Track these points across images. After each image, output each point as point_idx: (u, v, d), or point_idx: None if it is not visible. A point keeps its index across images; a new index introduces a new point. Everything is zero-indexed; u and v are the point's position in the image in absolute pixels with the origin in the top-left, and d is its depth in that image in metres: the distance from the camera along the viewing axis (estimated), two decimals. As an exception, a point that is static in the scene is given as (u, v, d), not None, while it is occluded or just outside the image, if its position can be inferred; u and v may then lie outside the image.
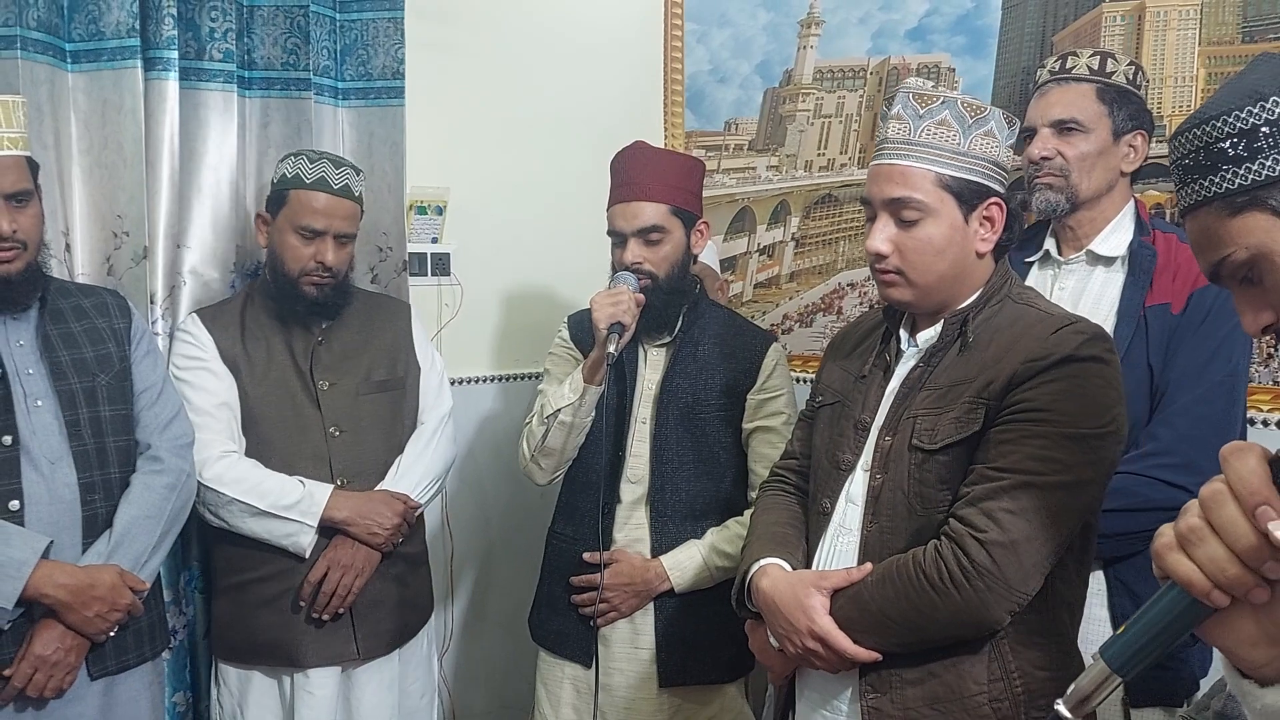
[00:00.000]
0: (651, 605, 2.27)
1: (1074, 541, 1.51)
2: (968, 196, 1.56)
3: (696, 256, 2.34)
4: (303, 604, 2.22)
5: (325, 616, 2.22)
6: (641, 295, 2.19)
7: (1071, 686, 0.89)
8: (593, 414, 2.24)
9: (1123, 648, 0.86)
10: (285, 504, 2.18)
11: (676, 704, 2.28)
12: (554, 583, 2.38)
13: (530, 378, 3.19)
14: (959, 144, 1.55)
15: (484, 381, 3.17)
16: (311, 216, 2.24)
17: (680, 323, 2.30)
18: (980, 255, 1.59)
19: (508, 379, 3.19)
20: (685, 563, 2.24)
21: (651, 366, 2.32)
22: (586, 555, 2.28)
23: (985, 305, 1.59)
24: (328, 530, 2.21)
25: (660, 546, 2.26)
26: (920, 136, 1.55)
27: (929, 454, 1.53)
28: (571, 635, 2.32)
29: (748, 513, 2.26)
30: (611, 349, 2.12)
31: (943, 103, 1.55)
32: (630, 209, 2.23)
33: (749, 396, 2.29)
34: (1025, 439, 1.45)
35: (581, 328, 2.36)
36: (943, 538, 1.48)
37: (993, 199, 1.57)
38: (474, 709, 3.14)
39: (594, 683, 2.23)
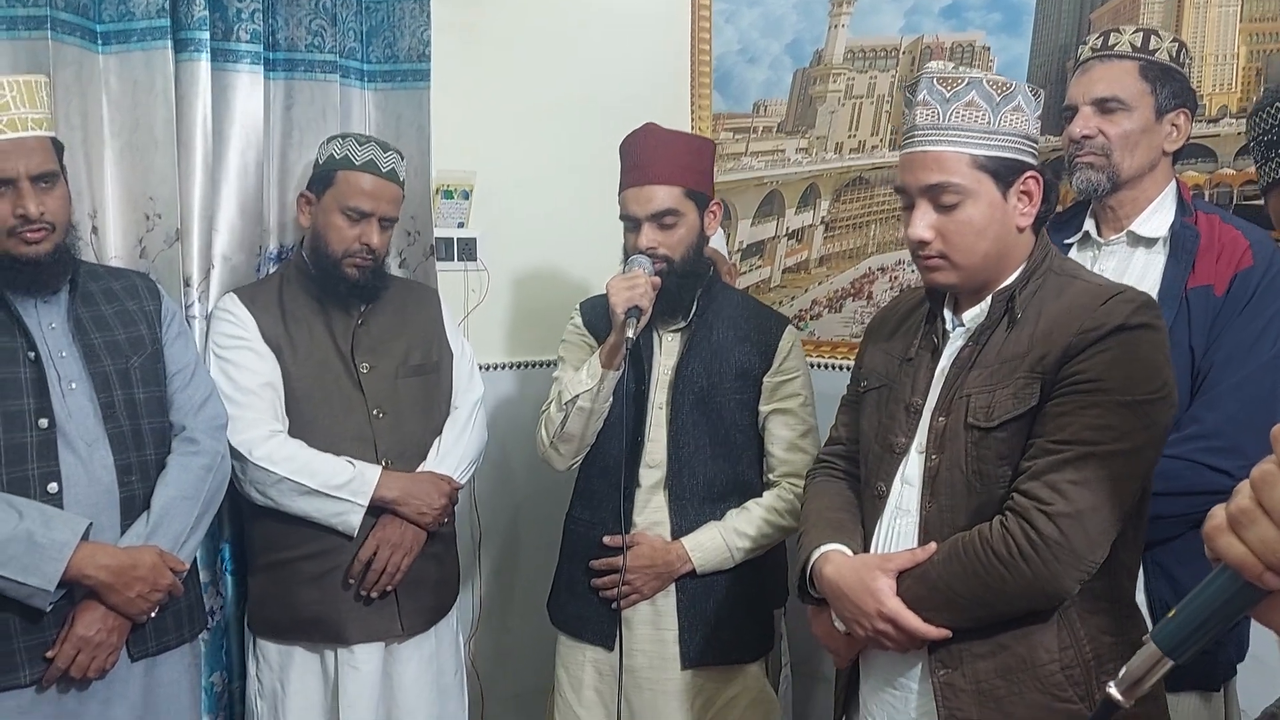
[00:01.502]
0: (673, 587, 2.27)
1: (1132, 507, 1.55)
2: (1004, 174, 1.58)
3: (709, 238, 2.33)
4: (352, 581, 2.24)
5: (374, 594, 2.24)
6: (657, 278, 2.19)
7: (1123, 670, 0.89)
8: (610, 399, 2.25)
9: (1174, 630, 0.86)
10: (336, 483, 2.19)
11: (699, 684, 2.28)
12: (573, 567, 2.39)
13: (556, 364, 3.17)
14: (989, 123, 1.57)
15: (510, 368, 3.16)
16: (360, 198, 2.25)
17: (695, 307, 2.30)
18: (1021, 230, 1.62)
19: (534, 365, 3.18)
20: (706, 544, 2.24)
21: (666, 352, 2.32)
22: (607, 539, 2.28)
23: (1029, 280, 1.62)
24: (373, 509, 2.23)
25: (680, 529, 2.27)
26: (950, 120, 1.58)
27: (986, 431, 1.55)
28: (592, 619, 2.33)
29: (766, 494, 2.30)
30: (630, 333, 2.12)
31: (968, 84, 1.58)
32: (643, 193, 2.22)
33: (765, 379, 2.30)
34: (1083, 409, 1.48)
35: (595, 313, 2.36)
36: (1008, 513, 1.51)
37: (1029, 173, 1.60)
38: (502, 691, 3.15)
39: (618, 665, 2.23)
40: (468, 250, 3.05)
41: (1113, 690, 0.89)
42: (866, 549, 1.71)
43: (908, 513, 1.65)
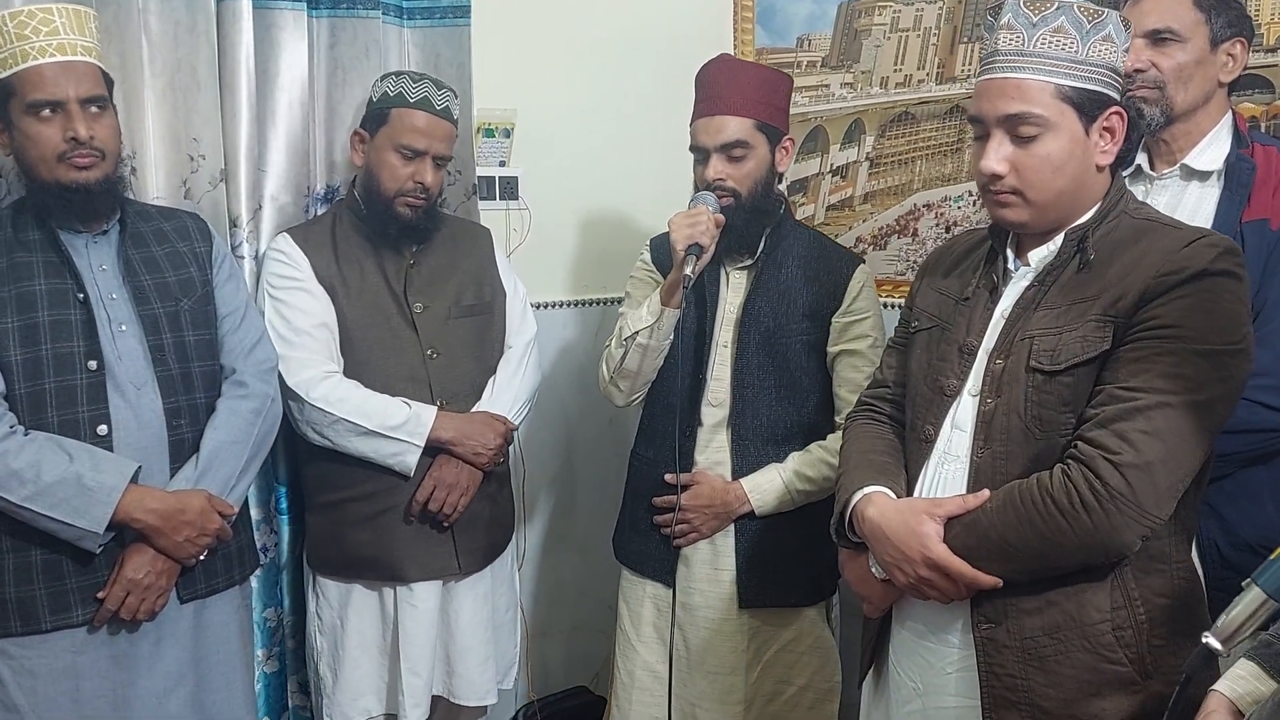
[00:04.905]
0: (732, 527, 2.28)
1: None
2: (1089, 108, 1.50)
3: (782, 175, 2.30)
4: (412, 520, 2.27)
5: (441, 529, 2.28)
6: (721, 216, 2.15)
7: (1221, 618, 0.87)
8: (671, 337, 2.22)
9: (1277, 573, 0.84)
10: (392, 424, 2.21)
11: (756, 625, 2.29)
12: (636, 504, 2.40)
13: (599, 302, 3.18)
14: (1077, 52, 1.48)
15: (552, 307, 3.15)
16: (414, 136, 2.25)
17: (763, 244, 2.27)
18: (1100, 169, 1.54)
19: (576, 304, 3.17)
20: (766, 485, 2.23)
21: (733, 289, 2.29)
22: (667, 476, 2.28)
23: (1103, 221, 1.54)
24: (429, 450, 2.25)
25: (741, 470, 2.26)
26: (1035, 46, 1.49)
27: (1050, 375, 1.49)
28: (653, 555, 2.35)
29: (830, 437, 2.26)
30: (688, 271, 2.10)
31: (1058, 8, 1.49)
32: (713, 123, 2.19)
33: (834, 319, 2.26)
34: (1158, 357, 1.41)
35: (663, 250, 2.33)
36: (1070, 461, 1.44)
37: (1114, 108, 1.52)
38: (550, 627, 3.19)
39: (672, 602, 2.25)
40: (509, 189, 3.03)
41: (1210, 640, 0.87)
42: (910, 494, 1.65)
43: (956, 458, 1.58)
